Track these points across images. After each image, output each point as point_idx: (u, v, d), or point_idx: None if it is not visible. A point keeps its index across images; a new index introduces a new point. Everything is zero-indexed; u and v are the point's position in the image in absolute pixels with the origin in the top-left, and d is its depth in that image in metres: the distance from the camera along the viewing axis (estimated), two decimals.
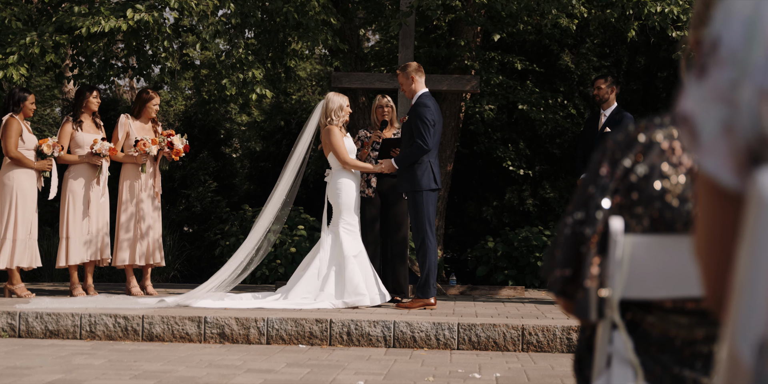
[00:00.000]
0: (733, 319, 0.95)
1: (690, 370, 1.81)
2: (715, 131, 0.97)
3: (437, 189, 8.21)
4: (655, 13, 8.86)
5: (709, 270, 1.04)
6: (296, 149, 8.63)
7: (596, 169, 1.89)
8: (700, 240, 1.05)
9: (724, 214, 1.00)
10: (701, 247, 1.04)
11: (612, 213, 1.84)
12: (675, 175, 1.82)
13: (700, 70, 0.99)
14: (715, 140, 0.97)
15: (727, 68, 0.95)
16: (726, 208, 1.00)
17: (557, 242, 1.92)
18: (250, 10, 9.63)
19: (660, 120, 1.89)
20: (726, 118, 0.96)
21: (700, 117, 0.98)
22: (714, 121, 0.97)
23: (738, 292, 0.94)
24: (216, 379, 5.39)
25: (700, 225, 1.04)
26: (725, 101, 0.96)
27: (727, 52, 0.96)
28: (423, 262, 8.10)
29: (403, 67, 8.37)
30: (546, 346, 6.85)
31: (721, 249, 1.02)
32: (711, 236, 1.03)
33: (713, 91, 0.97)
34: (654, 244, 1.81)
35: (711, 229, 1.02)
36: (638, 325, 1.88)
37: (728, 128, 0.96)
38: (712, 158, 0.98)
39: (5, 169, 8.58)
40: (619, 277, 1.81)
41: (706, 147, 0.98)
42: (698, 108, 0.99)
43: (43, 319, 7.17)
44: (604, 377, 1.88)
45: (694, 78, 1.00)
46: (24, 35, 8.88)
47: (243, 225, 11.47)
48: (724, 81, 0.96)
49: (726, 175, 0.97)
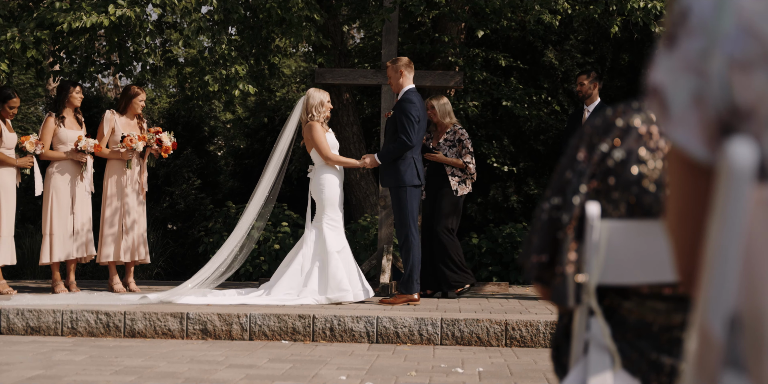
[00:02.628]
0: (704, 293, 0.93)
1: (668, 355, 1.80)
2: (685, 102, 0.95)
3: (420, 185, 8.21)
4: (638, 9, 8.88)
5: (680, 245, 1.02)
6: (278, 146, 8.62)
7: (573, 154, 1.88)
8: (671, 215, 1.03)
9: (694, 187, 0.99)
10: (672, 221, 1.03)
11: (589, 198, 1.83)
12: (652, 160, 1.81)
13: (670, 39, 0.97)
14: (685, 111, 0.95)
15: (697, 37, 0.94)
16: (697, 181, 0.98)
17: (534, 228, 1.91)
18: (232, 7, 9.59)
19: (638, 104, 1.88)
20: (696, 88, 0.94)
21: (670, 88, 0.97)
22: (684, 92, 0.95)
23: (709, 266, 0.93)
24: (198, 374, 5.36)
25: (671, 200, 1.02)
26: (695, 71, 0.94)
27: (696, 21, 0.94)
28: (406, 258, 8.09)
29: (393, 61, 8.37)
30: (529, 340, 6.84)
31: (692, 223, 1.00)
32: (682, 210, 1.01)
33: (683, 61, 0.95)
34: (631, 229, 1.80)
35: (682, 203, 1.01)
36: (615, 311, 1.87)
37: (698, 99, 0.94)
38: (682, 130, 0.96)
39: None
40: (596, 262, 1.79)
41: (676, 118, 0.96)
42: (668, 79, 0.97)
43: (24, 316, 7.12)
44: (582, 364, 1.87)
45: (664, 48, 0.98)
46: (5, 31, 8.82)
47: (227, 222, 11.44)
48: (693, 50, 0.94)
49: (696, 147, 0.96)
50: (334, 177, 8.28)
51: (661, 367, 1.80)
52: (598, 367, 1.84)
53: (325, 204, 8.23)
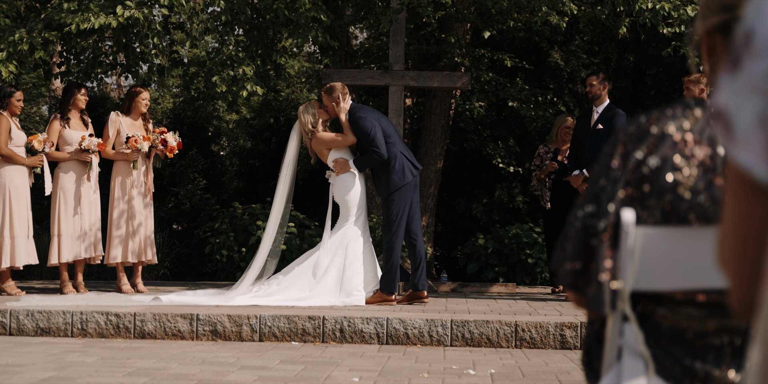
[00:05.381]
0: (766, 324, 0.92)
1: (701, 362, 1.80)
2: (750, 124, 0.95)
3: (416, 175, 8.27)
4: (646, 10, 8.88)
5: (737, 271, 1.00)
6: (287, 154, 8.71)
7: (607, 162, 1.88)
8: (727, 238, 1.01)
9: (757, 210, 0.97)
10: (729, 246, 1.00)
11: (623, 205, 1.83)
12: (687, 168, 1.81)
13: (734, 63, 0.97)
14: (750, 133, 0.95)
15: (762, 59, 0.94)
16: (759, 204, 0.97)
17: (567, 235, 1.91)
18: (240, 7, 9.59)
19: (672, 111, 1.88)
20: (761, 110, 0.94)
21: (734, 110, 0.96)
22: (749, 114, 0.95)
23: None
24: (210, 376, 5.37)
25: (729, 223, 1.00)
26: (760, 92, 0.94)
27: (761, 44, 0.94)
28: (387, 259, 8.17)
29: (328, 90, 8.40)
30: (539, 342, 6.85)
31: (751, 248, 0.98)
32: (741, 234, 0.99)
33: (748, 83, 0.95)
34: (666, 235, 1.80)
35: (741, 227, 0.99)
36: (649, 317, 1.87)
37: (764, 120, 0.94)
38: (747, 151, 0.96)
39: None
40: (631, 268, 1.80)
41: (741, 140, 0.96)
42: (732, 101, 0.97)
43: (34, 317, 7.13)
44: (615, 370, 1.87)
45: (727, 72, 0.98)
46: (13, 32, 8.82)
47: (233, 222, 11.44)
48: (759, 72, 0.94)
49: (761, 169, 0.95)
50: (357, 178, 8.33)
51: (695, 373, 1.80)
52: (631, 372, 1.85)
53: (350, 205, 8.29)
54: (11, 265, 8.47)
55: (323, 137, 8.31)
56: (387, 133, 8.23)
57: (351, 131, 8.24)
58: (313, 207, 12.49)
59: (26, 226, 8.59)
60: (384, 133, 8.20)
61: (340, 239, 8.23)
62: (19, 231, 8.50)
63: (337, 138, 8.29)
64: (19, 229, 8.50)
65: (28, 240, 8.59)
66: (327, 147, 8.32)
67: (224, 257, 11.15)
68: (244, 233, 11.23)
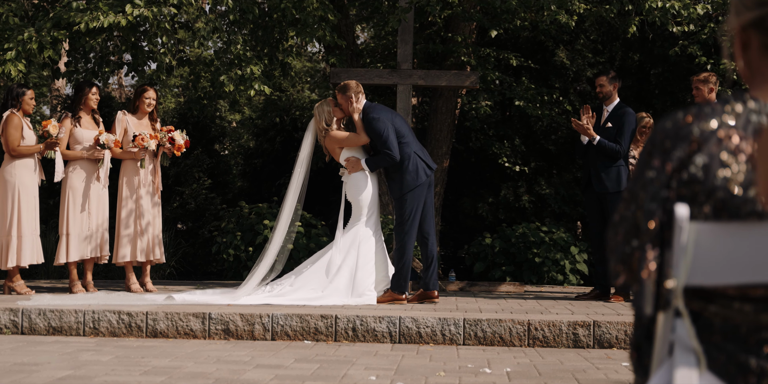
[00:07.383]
0: None
1: (756, 357, 1.80)
2: None
3: (429, 175, 8.24)
4: (655, 9, 8.88)
5: None
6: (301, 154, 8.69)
7: (648, 161, 1.87)
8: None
9: None
10: None
11: (670, 204, 1.83)
12: (735, 164, 1.81)
13: None
14: None
15: None
16: None
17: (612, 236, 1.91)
18: (248, 7, 9.59)
19: (710, 108, 1.87)
20: None
21: None
22: None
23: None
24: (227, 374, 5.36)
25: None
26: None
27: None
28: (399, 259, 8.15)
29: (342, 88, 8.35)
30: (552, 341, 6.85)
31: None
32: None
33: None
34: (718, 230, 1.80)
35: None
36: (700, 315, 1.87)
37: None
38: None
39: (6, 166, 8.52)
40: (684, 264, 1.80)
41: None
42: None
43: (46, 316, 7.12)
44: (666, 365, 1.87)
45: None
46: (21, 31, 8.82)
47: (239, 222, 11.44)
48: None
49: None
50: (369, 177, 8.31)
51: (749, 368, 1.80)
52: (683, 368, 1.84)
53: (363, 204, 8.28)
54: (17, 264, 8.47)
55: (336, 135, 8.30)
56: (401, 133, 8.21)
57: (364, 131, 8.22)
58: (318, 206, 12.49)
59: (34, 226, 8.58)
60: (398, 133, 8.18)
61: (353, 238, 8.23)
62: (26, 230, 8.49)
63: (350, 137, 8.28)
64: (26, 228, 8.50)
65: (34, 239, 8.59)
66: (339, 146, 8.31)
67: (231, 256, 11.14)
68: (250, 232, 11.22)
